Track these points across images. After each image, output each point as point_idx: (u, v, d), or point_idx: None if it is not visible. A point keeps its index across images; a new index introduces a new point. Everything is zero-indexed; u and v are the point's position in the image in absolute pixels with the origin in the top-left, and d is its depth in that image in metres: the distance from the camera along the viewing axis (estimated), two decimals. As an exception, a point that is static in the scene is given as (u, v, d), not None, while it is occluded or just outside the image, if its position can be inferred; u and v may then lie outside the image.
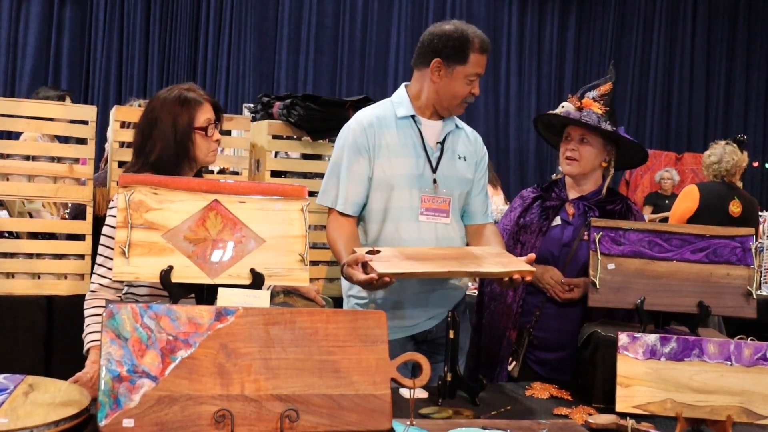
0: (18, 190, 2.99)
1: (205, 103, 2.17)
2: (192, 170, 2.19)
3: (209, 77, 9.16)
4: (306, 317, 1.57)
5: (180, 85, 2.22)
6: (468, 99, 2.37)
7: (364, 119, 2.37)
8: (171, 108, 2.13)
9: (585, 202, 2.49)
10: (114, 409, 1.41)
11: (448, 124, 2.43)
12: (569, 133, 2.47)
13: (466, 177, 2.42)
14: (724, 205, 4.69)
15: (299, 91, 6.72)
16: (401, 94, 2.43)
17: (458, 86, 2.34)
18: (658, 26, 11.23)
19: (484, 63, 2.36)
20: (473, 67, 2.32)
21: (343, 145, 2.37)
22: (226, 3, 9.25)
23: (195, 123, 2.14)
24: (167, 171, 2.09)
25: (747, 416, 1.79)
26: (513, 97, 10.62)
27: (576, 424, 1.82)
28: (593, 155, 2.46)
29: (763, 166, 11.23)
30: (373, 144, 2.33)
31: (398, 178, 2.32)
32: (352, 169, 2.33)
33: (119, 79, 8.89)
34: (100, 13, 8.79)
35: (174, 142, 2.11)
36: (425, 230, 2.33)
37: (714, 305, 2.11)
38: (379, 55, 9.98)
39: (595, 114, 2.40)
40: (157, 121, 2.13)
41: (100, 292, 2.04)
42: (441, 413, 1.83)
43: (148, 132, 2.15)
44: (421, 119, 2.39)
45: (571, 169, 2.47)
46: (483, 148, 2.53)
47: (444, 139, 2.39)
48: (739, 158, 4.82)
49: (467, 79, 2.33)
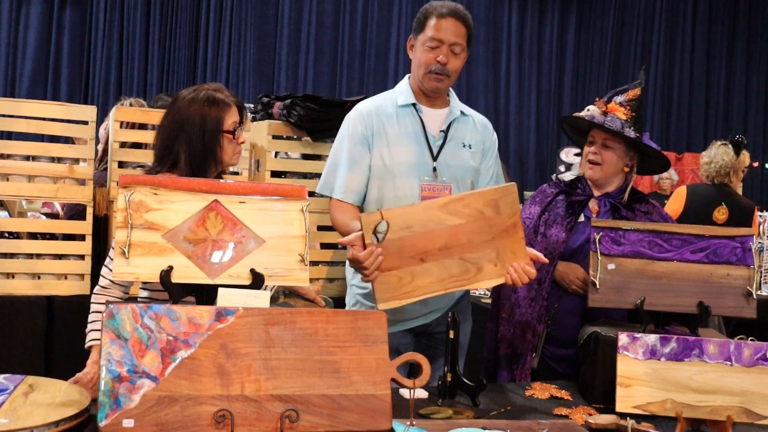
0: (18, 191, 2.99)
1: (232, 105, 2.14)
2: (216, 171, 2.15)
3: (209, 77, 9.15)
4: (306, 317, 1.57)
5: (205, 85, 2.17)
6: (434, 68, 2.33)
7: (364, 109, 2.39)
8: (199, 108, 2.08)
9: (610, 200, 2.48)
10: (114, 409, 1.41)
11: (452, 111, 2.42)
12: (593, 137, 2.47)
13: (471, 165, 2.41)
14: (709, 211, 4.60)
15: (299, 92, 6.73)
16: (403, 83, 2.46)
17: (419, 54, 2.35)
18: (658, 26, 11.24)
19: (448, 28, 2.31)
20: (430, 31, 2.31)
21: (343, 135, 2.39)
22: (226, 3, 9.25)
23: (223, 125, 2.10)
24: (193, 173, 2.06)
25: (747, 416, 1.79)
26: (513, 97, 10.63)
27: (576, 424, 1.82)
28: (615, 160, 2.44)
29: (763, 166, 11.22)
30: (373, 133, 2.34)
31: (399, 166, 2.33)
32: (353, 158, 2.34)
33: (119, 80, 8.89)
34: (100, 14, 8.79)
35: (202, 143, 2.07)
36: None
37: (714, 305, 2.11)
38: (379, 56, 9.98)
39: (620, 120, 2.39)
40: (183, 122, 2.08)
41: (110, 288, 2.04)
42: (441, 413, 1.83)
43: (174, 133, 2.09)
44: (422, 107, 2.39)
45: (592, 173, 2.47)
46: (492, 136, 2.51)
47: (448, 127, 2.39)
48: (731, 159, 4.71)
49: (425, 45, 2.32)
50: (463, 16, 2.35)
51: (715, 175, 4.72)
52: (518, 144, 10.59)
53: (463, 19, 2.34)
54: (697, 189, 4.79)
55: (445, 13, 2.31)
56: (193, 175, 2.05)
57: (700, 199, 4.69)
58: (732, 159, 4.71)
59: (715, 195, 4.70)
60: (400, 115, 2.38)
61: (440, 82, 2.35)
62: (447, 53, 2.32)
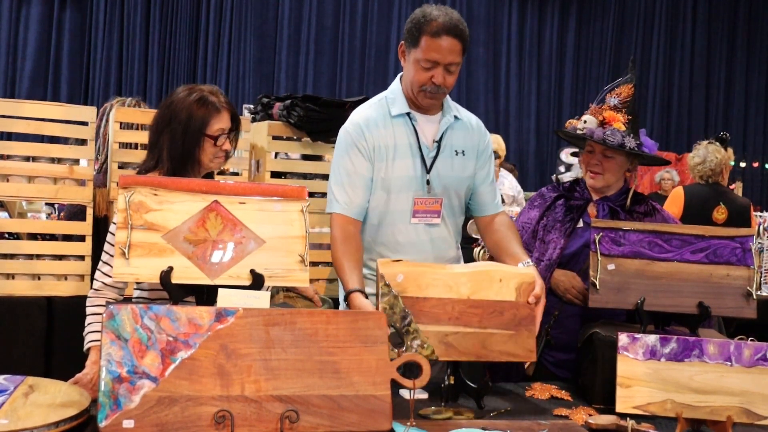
0: (18, 191, 2.99)
1: (223, 111, 2.12)
2: (196, 173, 2.15)
3: (209, 78, 9.17)
4: (306, 318, 1.57)
5: (202, 86, 2.16)
6: (429, 88, 2.20)
7: (360, 120, 2.30)
8: (189, 108, 2.09)
9: (609, 203, 2.47)
10: (114, 410, 1.41)
11: (446, 117, 2.33)
12: (593, 147, 2.43)
13: (464, 174, 2.36)
14: (708, 212, 4.59)
15: (299, 92, 6.72)
16: (395, 88, 2.34)
17: (413, 72, 2.20)
18: (658, 26, 11.25)
19: (443, 48, 2.15)
20: (424, 52, 2.16)
21: (343, 149, 2.30)
22: (226, 4, 9.26)
23: (207, 129, 2.09)
24: (174, 169, 2.07)
25: (747, 417, 1.79)
26: (513, 98, 10.63)
27: (576, 424, 1.82)
28: (617, 168, 2.43)
29: (763, 166, 11.23)
30: (372, 146, 2.27)
31: (395, 181, 2.27)
32: (355, 171, 2.27)
33: (119, 80, 8.90)
34: (100, 15, 8.80)
35: (183, 141, 2.08)
36: (420, 232, 2.32)
37: (714, 306, 2.11)
38: (379, 56, 9.99)
39: (619, 133, 2.34)
40: (171, 118, 2.09)
41: (103, 291, 2.04)
42: (441, 414, 1.83)
43: (161, 128, 2.11)
44: (416, 116, 2.30)
45: (594, 182, 2.45)
46: (485, 136, 2.42)
47: (441, 137, 2.32)
48: (722, 156, 4.70)
49: (419, 64, 2.18)
50: (459, 31, 2.17)
51: (710, 174, 4.71)
52: (518, 145, 10.59)
53: (458, 36, 2.17)
54: (694, 190, 4.78)
55: (440, 31, 2.14)
56: (173, 172, 2.06)
57: (698, 200, 4.68)
58: (724, 156, 4.72)
59: (711, 195, 4.69)
60: (395, 125, 2.29)
61: (435, 99, 2.26)
62: (442, 73, 2.18)
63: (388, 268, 1.89)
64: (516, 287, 1.99)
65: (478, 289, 1.95)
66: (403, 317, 1.75)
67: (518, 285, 1.99)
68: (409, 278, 1.90)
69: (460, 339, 1.90)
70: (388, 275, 1.88)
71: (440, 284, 1.92)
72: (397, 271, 1.89)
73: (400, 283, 1.88)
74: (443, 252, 2.38)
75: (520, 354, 1.96)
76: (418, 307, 1.88)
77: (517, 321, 1.97)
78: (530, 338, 1.97)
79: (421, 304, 1.89)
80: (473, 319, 1.93)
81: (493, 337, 1.93)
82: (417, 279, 1.90)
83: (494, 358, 1.94)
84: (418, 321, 1.86)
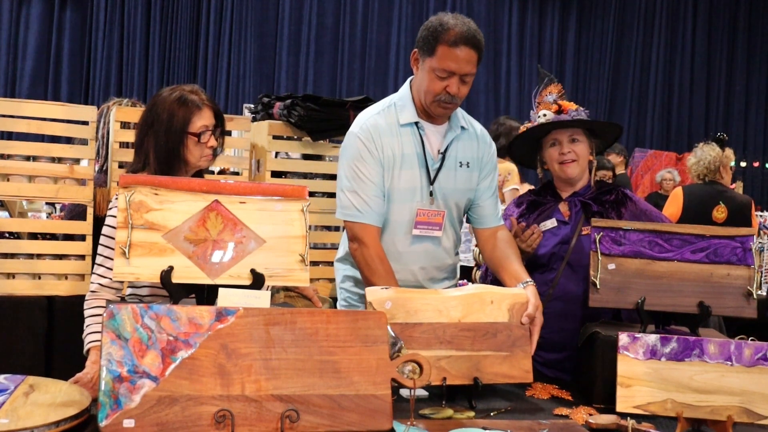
0: (18, 191, 2.99)
1: (204, 108, 2.14)
2: (185, 172, 2.16)
3: (209, 78, 9.16)
4: (306, 317, 1.57)
5: (184, 85, 2.18)
6: (443, 97, 2.18)
7: (369, 125, 2.26)
8: (170, 108, 2.11)
9: (579, 198, 2.49)
10: (114, 409, 1.41)
11: (453, 128, 2.31)
12: (556, 139, 2.46)
13: (468, 186, 2.36)
14: (708, 210, 4.60)
15: (299, 92, 6.73)
16: (405, 95, 2.31)
17: (427, 81, 2.18)
18: (658, 26, 11.24)
19: (460, 58, 2.13)
20: (440, 61, 2.13)
21: (356, 155, 2.24)
22: (226, 3, 9.25)
23: (189, 127, 2.11)
24: (161, 170, 2.08)
25: (747, 416, 1.79)
26: (513, 98, 10.62)
27: (576, 424, 1.82)
28: (586, 150, 2.48)
29: (763, 165, 11.23)
30: (382, 154, 2.24)
31: (399, 191, 2.26)
32: (372, 179, 2.22)
33: (119, 80, 8.90)
34: (100, 15, 8.80)
35: (166, 142, 2.10)
36: (420, 242, 2.32)
37: (714, 305, 2.11)
38: (379, 56, 9.98)
39: (582, 111, 2.45)
40: (154, 119, 2.12)
41: (100, 292, 2.04)
42: (441, 413, 1.83)
43: (146, 130, 2.14)
44: (424, 125, 2.28)
45: (571, 170, 2.46)
46: (490, 147, 2.42)
47: (447, 148, 2.30)
48: (717, 154, 4.70)
49: (434, 73, 2.15)
50: (477, 41, 2.14)
51: (706, 173, 4.72)
52: (518, 145, 10.57)
53: (476, 46, 2.14)
54: (693, 189, 4.79)
55: (458, 41, 2.11)
56: (161, 173, 2.06)
57: (697, 199, 4.69)
58: (718, 154, 4.72)
59: (710, 194, 4.70)
60: (402, 134, 2.26)
61: (448, 109, 2.24)
62: (457, 83, 2.16)
63: (376, 295, 1.92)
64: (509, 308, 2.02)
65: (470, 312, 1.97)
66: (393, 344, 1.77)
67: (510, 306, 2.02)
68: (397, 304, 1.91)
69: (453, 363, 1.92)
70: (375, 302, 1.90)
71: (430, 309, 1.94)
72: (385, 297, 1.91)
73: (389, 309, 1.89)
74: (441, 261, 2.39)
75: (516, 375, 1.99)
76: (408, 332, 1.90)
77: (511, 342, 2.00)
78: (525, 359, 2.00)
79: (411, 330, 1.91)
80: (465, 342, 1.95)
81: (487, 359, 1.96)
82: (405, 305, 1.92)
83: (489, 380, 1.96)
84: (408, 347, 1.85)
